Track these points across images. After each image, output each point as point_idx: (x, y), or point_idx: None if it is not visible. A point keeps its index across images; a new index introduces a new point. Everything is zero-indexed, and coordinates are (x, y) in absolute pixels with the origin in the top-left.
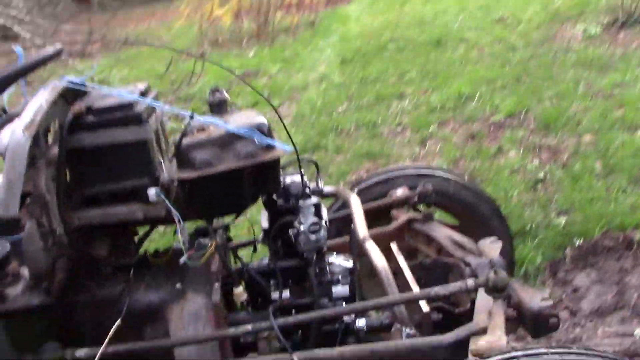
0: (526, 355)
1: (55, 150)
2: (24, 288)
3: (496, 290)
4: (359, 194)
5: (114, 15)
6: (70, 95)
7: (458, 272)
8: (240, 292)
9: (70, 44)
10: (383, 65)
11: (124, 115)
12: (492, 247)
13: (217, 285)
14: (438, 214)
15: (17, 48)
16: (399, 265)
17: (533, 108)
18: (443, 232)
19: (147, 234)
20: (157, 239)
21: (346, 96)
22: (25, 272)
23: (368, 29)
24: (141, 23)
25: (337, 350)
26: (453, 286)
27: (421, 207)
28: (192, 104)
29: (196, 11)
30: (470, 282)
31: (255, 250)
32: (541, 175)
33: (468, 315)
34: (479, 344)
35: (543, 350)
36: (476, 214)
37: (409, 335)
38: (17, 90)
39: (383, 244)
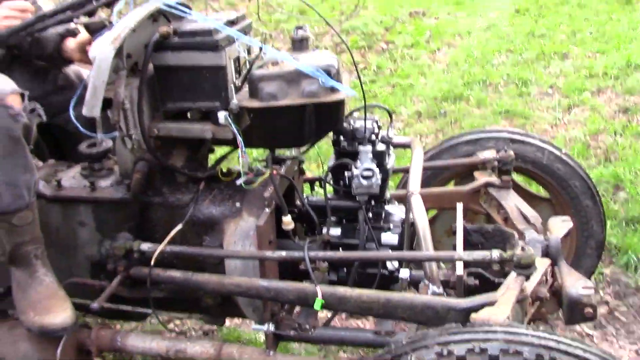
0: (506, 332)
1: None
2: (112, 182)
3: (519, 267)
4: (447, 150)
5: None
6: (170, 15)
7: (512, 243)
8: (288, 220)
9: None
10: (557, 20)
11: (203, 40)
12: (559, 225)
13: (267, 210)
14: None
15: None
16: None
17: None
18: (514, 201)
19: (226, 154)
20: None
21: (506, 49)
22: (117, 169)
23: None
24: None
25: (356, 291)
26: (477, 253)
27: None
28: (351, 37)
29: None
30: (495, 253)
31: (320, 186)
32: None
33: None
34: (481, 312)
35: (524, 330)
36: (567, 189)
37: (434, 293)
38: None
39: (455, 202)
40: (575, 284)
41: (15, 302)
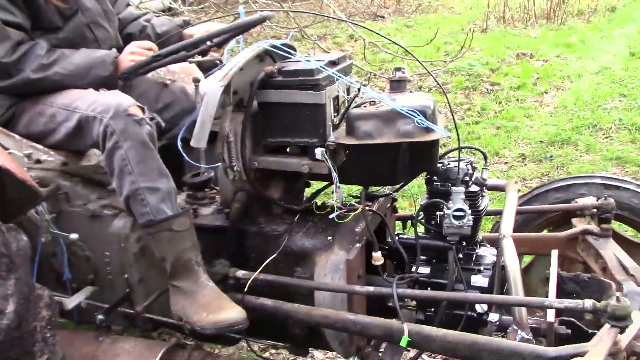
0: None
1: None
2: (213, 210)
3: (614, 318)
4: (537, 196)
5: None
6: (276, 56)
7: (609, 294)
8: (378, 256)
9: (368, 6)
10: None
11: (305, 80)
12: None
13: (357, 245)
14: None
15: (241, 8)
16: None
17: None
18: (614, 251)
19: (322, 189)
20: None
21: (619, 93)
22: (218, 198)
23: None
24: None
25: (442, 331)
26: (569, 302)
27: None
28: (456, 77)
29: None
30: (588, 303)
31: (412, 224)
32: None
33: None
34: None
35: None
36: None
37: (522, 339)
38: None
39: (551, 248)
40: None
41: (181, 311)
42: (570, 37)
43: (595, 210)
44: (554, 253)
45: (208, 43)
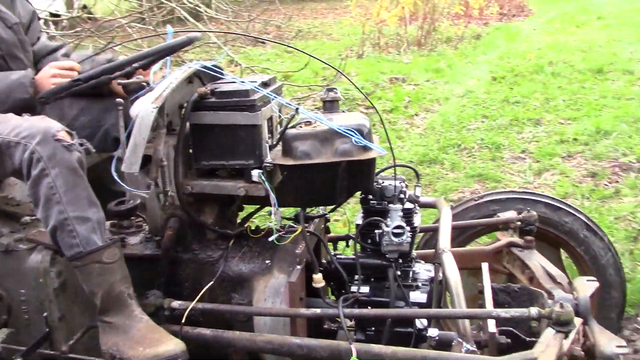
0: None
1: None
2: (141, 239)
3: (559, 324)
4: (469, 210)
5: (300, 7)
6: (204, 77)
7: (541, 302)
8: (319, 278)
9: (247, 31)
10: (532, 88)
11: (240, 101)
12: (585, 285)
13: (298, 267)
14: None
15: (168, 28)
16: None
17: None
18: (539, 261)
19: (255, 212)
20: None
21: (482, 114)
22: (146, 226)
23: (533, 48)
24: (321, 17)
25: (391, 348)
26: (514, 311)
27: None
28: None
29: (365, 12)
30: (533, 311)
31: (347, 244)
32: None
33: None
34: None
35: None
36: (589, 252)
37: (467, 351)
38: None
39: (479, 262)
40: (608, 343)
41: (114, 348)
42: (439, 63)
43: (518, 223)
44: (485, 266)
45: (134, 65)
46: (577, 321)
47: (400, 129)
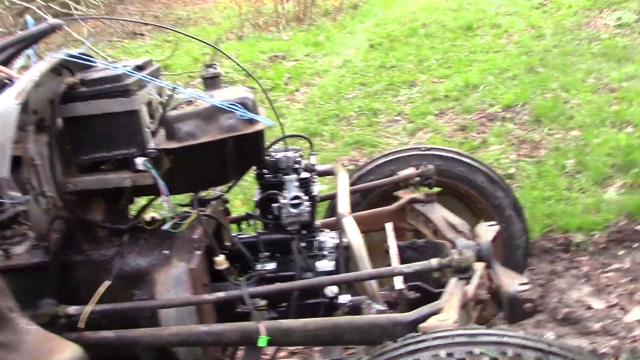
0: (462, 335)
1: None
2: (27, 247)
3: (459, 271)
4: (369, 173)
5: None
6: (74, 67)
7: (445, 253)
8: (221, 260)
9: (125, 24)
10: (406, 51)
11: (113, 87)
12: (487, 230)
13: (197, 252)
14: None
15: (28, 18)
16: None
17: (533, 100)
18: (440, 213)
19: (149, 203)
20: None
21: (359, 83)
22: (31, 233)
23: (407, 12)
24: (201, 2)
25: (301, 321)
26: (417, 265)
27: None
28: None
29: None
30: (434, 261)
31: (248, 223)
32: (512, 170)
33: None
34: (429, 321)
35: (481, 331)
36: (474, 186)
37: (377, 311)
38: None
39: (384, 222)
40: (511, 282)
41: None
42: (318, 36)
43: (417, 178)
44: (388, 226)
45: None
46: (479, 266)
47: (281, 106)
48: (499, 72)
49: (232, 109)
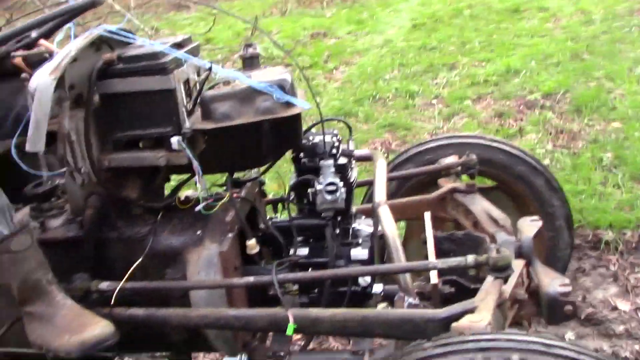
0: (493, 340)
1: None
2: (63, 221)
3: (496, 270)
4: (407, 160)
5: None
6: (114, 43)
7: (484, 247)
8: (252, 244)
9: None
10: (449, 33)
11: (150, 64)
12: (529, 225)
13: (229, 235)
14: None
15: None
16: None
17: (574, 89)
18: (482, 205)
19: (184, 182)
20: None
21: (399, 63)
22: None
23: None
24: None
25: (330, 311)
26: (452, 260)
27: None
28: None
29: None
30: (470, 259)
31: (284, 206)
32: (547, 161)
33: None
34: (461, 321)
35: (515, 336)
36: (532, 189)
37: (410, 305)
38: None
39: (423, 211)
40: (552, 282)
41: (42, 339)
42: (362, 14)
43: (459, 168)
44: (427, 215)
45: (32, 35)
46: (519, 264)
47: (318, 84)
48: (542, 58)
49: (270, 91)
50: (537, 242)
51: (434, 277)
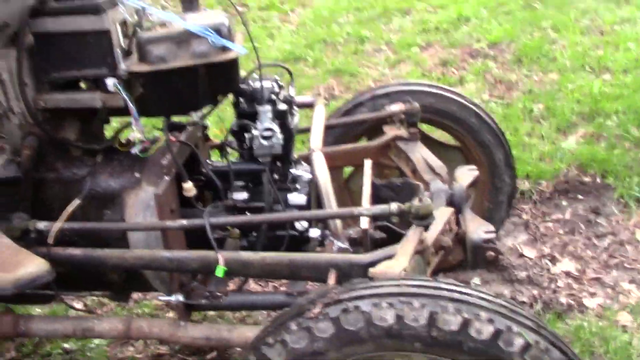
0: (404, 285)
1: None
2: (2, 161)
3: (417, 218)
4: (352, 108)
5: None
6: None
7: (420, 195)
8: (189, 187)
9: None
10: None
11: (83, 4)
12: (465, 174)
13: (166, 178)
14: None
15: None
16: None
17: (519, 38)
18: (421, 153)
19: (126, 125)
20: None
21: (355, 7)
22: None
23: None
24: None
25: (260, 254)
26: (377, 208)
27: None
28: (205, 2)
29: None
30: (393, 206)
31: (224, 151)
32: None
33: None
34: (378, 266)
35: (423, 282)
36: (465, 126)
37: (339, 249)
38: None
39: (366, 158)
40: (477, 229)
41: None
42: None
43: (403, 116)
44: (367, 163)
45: None
46: (447, 211)
47: (272, 27)
48: (495, 6)
49: (206, 34)
50: (475, 190)
51: (364, 223)
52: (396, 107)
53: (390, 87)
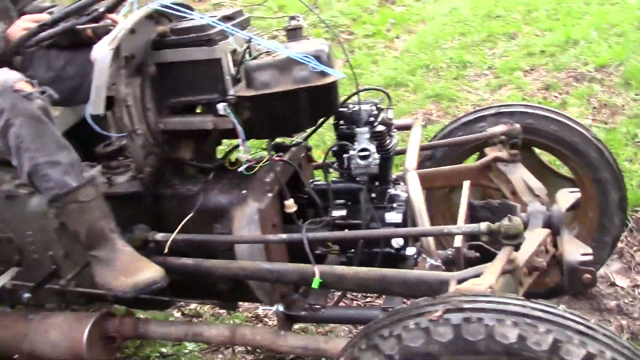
0: (490, 302)
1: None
2: (127, 178)
3: (506, 237)
4: (457, 129)
5: None
6: (172, 17)
7: (517, 216)
8: (289, 204)
9: None
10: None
11: (197, 36)
12: (566, 196)
13: (269, 195)
14: None
15: None
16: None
17: (629, 60)
18: (521, 174)
19: (236, 145)
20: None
21: (459, 32)
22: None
23: None
24: None
25: (353, 269)
26: (467, 227)
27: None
28: (315, 30)
29: None
30: (483, 226)
31: (326, 170)
32: None
33: None
34: (465, 283)
35: (510, 300)
36: (585, 160)
37: (431, 266)
38: None
39: (465, 179)
40: (574, 251)
41: (104, 280)
42: None
43: (503, 137)
44: (465, 184)
45: (99, 9)
46: (542, 232)
47: (376, 53)
48: (606, 28)
49: (306, 61)
50: (583, 213)
51: (457, 241)
52: (496, 129)
53: (513, 107)
